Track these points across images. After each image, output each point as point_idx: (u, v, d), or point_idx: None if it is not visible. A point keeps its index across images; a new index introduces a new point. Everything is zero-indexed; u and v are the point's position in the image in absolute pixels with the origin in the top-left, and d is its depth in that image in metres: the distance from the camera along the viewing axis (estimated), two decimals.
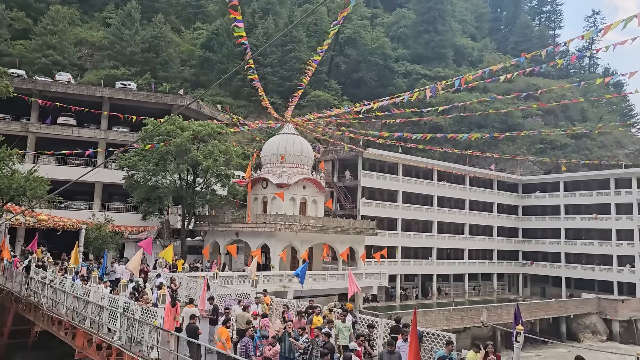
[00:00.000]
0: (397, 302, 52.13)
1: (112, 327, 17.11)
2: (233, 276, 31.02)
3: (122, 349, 15.97)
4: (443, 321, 39.99)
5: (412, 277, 57.02)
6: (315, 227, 38.43)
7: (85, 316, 18.62)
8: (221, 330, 12.85)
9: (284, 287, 33.74)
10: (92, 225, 35.29)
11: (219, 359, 12.79)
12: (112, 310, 17.07)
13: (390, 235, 53.64)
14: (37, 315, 22.74)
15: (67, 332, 20.21)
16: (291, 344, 12.57)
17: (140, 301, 16.76)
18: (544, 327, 49.13)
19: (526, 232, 68.07)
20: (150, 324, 14.96)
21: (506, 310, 44.77)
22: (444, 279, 59.59)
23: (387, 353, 11.22)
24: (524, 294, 64.35)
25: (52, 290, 21.66)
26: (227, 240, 39.10)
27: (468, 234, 62.18)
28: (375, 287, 41.90)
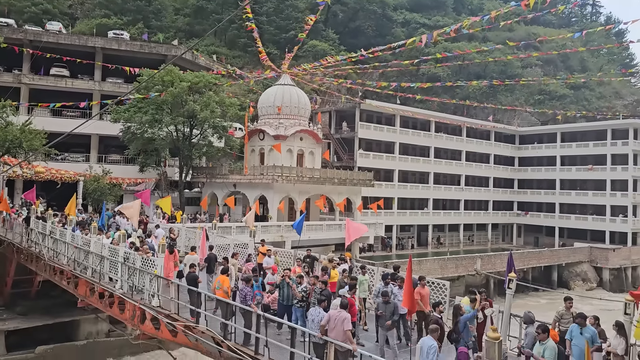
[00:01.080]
0: (393, 251, 53.04)
1: (113, 277, 17.46)
2: (231, 227, 31.42)
3: (123, 297, 16.35)
4: (438, 270, 40.87)
5: (408, 228, 57.83)
6: (312, 179, 38.60)
7: (87, 266, 18.96)
8: (222, 278, 13.12)
9: (282, 238, 34.23)
10: (89, 178, 35.34)
11: (219, 306, 13.14)
12: (113, 260, 17.37)
13: (387, 187, 53.97)
14: (39, 265, 23.11)
15: (69, 281, 20.60)
16: (290, 291, 12.88)
17: (140, 251, 17.05)
18: (536, 275, 50.32)
19: (521, 183, 68.55)
20: (151, 273, 15.27)
21: (499, 259, 45.73)
22: (440, 229, 60.44)
23: (382, 303, 11.49)
24: (517, 244, 65.50)
25: (52, 241, 21.94)
26: (224, 192, 39.32)
27: (464, 185, 62.60)
28: (371, 237, 42.55)
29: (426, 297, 12.05)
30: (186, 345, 14.48)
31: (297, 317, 12.55)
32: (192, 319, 13.37)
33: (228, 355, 12.08)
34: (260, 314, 11.40)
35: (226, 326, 12.20)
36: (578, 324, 9.80)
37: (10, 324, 25.18)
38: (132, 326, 16.93)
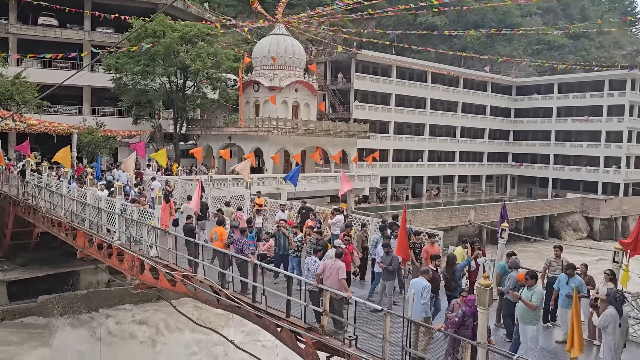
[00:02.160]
0: (388, 202, 53.55)
1: (111, 228, 17.63)
2: (227, 179, 31.52)
3: (122, 248, 16.58)
4: (432, 220, 41.44)
5: (402, 179, 58.16)
6: (307, 131, 38.45)
7: (84, 218, 19.09)
8: (219, 229, 13.29)
9: (278, 189, 34.42)
10: (83, 130, 35.05)
11: (216, 256, 13.36)
12: (110, 212, 17.50)
13: (382, 138, 53.89)
14: (37, 217, 23.25)
15: (67, 233, 20.78)
16: (286, 241, 13.10)
17: (137, 203, 17.16)
18: (528, 225, 51.16)
19: (517, 134, 68.53)
20: (148, 225, 15.44)
21: (493, 210, 46.34)
22: (434, 180, 60.84)
23: (385, 255, 11.70)
24: (511, 195, 66.20)
25: (49, 193, 22.00)
26: (220, 144, 39.20)
27: (459, 136, 62.55)
28: (366, 189, 42.87)
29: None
30: (185, 294, 14.84)
31: (293, 266, 12.83)
32: (190, 269, 13.63)
33: (226, 303, 12.40)
34: (257, 263, 11.62)
35: (224, 275, 12.47)
36: (568, 274, 10.11)
37: (11, 274, 25.59)
38: (132, 276, 17.24)
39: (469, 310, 8.27)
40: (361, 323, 9.86)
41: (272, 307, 11.19)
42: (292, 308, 10.71)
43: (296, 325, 10.46)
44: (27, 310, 24.49)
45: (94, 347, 22.24)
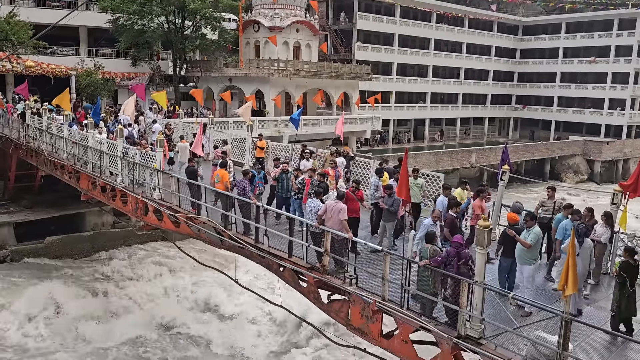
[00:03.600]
0: (390, 145, 53.46)
1: (113, 171, 17.73)
2: (228, 121, 31.37)
3: (125, 191, 16.74)
4: (433, 163, 41.51)
5: (404, 122, 57.76)
6: (309, 72, 37.87)
7: (87, 161, 19.16)
8: (221, 172, 13.36)
9: (279, 132, 34.34)
10: (82, 72, 34.53)
11: (219, 199, 13.51)
12: (112, 155, 17.54)
13: (385, 80, 53.09)
14: (39, 160, 23.33)
15: (70, 175, 20.91)
16: (288, 184, 13.19)
17: (139, 146, 17.17)
18: (529, 168, 51.27)
19: (521, 76, 67.40)
20: (150, 167, 15.51)
21: (494, 153, 46.31)
22: (437, 123, 60.43)
23: (387, 196, 11.79)
24: (513, 137, 65.93)
25: (50, 136, 21.96)
26: (220, 87, 38.74)
27: (463, 78, 61.58)
28: (368, 132, 42.73)
29: (486, 211, 11.64)
30: (189, 235, 15.11)
31: (294, 208, 12.98)
32: (193, 211, 13.82)
33: (229, 244, 12.65)
34: (258, 205, 11.76)
35: (227, 217, 12.65)
36: (572, 220, 9.92)
37: (18, 216, 25.97)
38: (136, 218, 17.53)
39: (453, 251, 8.45)
40: (361, 263, 10.10)
41: (275, 248, 11.43)
42: (294, 249, 10.93)
43: (298, 265, 10.71)
44: (34, 251, 25.03)
45: (100, 286, 22.88)
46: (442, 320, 8.49)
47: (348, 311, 9.85)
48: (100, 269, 24.71)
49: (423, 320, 8.39)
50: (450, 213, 10.64)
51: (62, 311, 20.54)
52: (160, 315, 21.26)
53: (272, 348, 19.79)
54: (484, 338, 7.78)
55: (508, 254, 9.64)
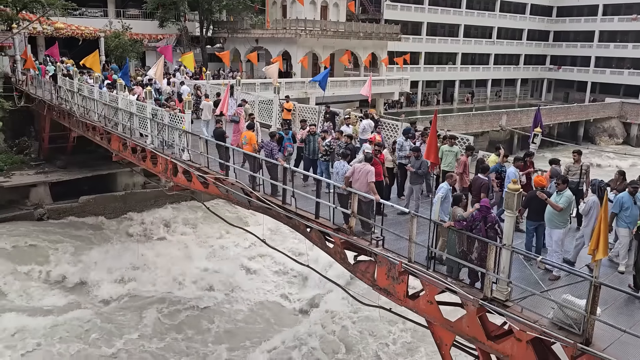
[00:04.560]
0: (418, 107, 52.65)
1: (143, 132, 17.96)
2: (255, 83, 31.25)
3: (155, 152, 16.98)
4: (462, 125, 40.79)
5: (434, 83, 56.67)
6: (337, 33, 37.21)
7: (117, 122, 19.44)
8: (248, 134, 13.39)
9: (306, 94, 34.10)
10: (110, 34, 34.70)
11: (247, 160, 13.60)
12: (142, 116, 17.73)
13: (414, 41, 51.84)
14: (72, 121, 23.76)
15: (102, 137, 21.27)
16: (315, 145, 13.17)
17: (167, 107, 17.30)
18: (562, 131, 49.95)
19: (557, 35, 64.93)
20: (179, 129, 15.65)
21: (526, 115, 45.16)
22: (467, 84, 59.09)
23: (414, 159, 11.68)
24: (546, 99, 64.12)
25: (81, 98, 22.28)
26: (247, 48, 38.45)
27: (495, 38, 59.66)
28: (396, 93, 42.07)
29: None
30: (217, 196, 15.33)
31: (321, 170, 13.00)
32: (222, 172, 13.97)
33: (257, 204, 12.81)
34: (286, 166, 11.80)
35: (254, 178, 12.76)
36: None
37: (53, 176, 26.73)
38: (165, 179, 17.84)
39: (478, 215, 8.37)
40: (388, 225, 10.12)
41: (302, 209, 11.51)
42: (321, 210, 10.99)
43: (325, 226, 10.80)
44: (69, 210, 25.85)
45: (131, 245, 23.60)
46: (468, 282, 8.52)
47: (374, 272, 9.94)
48: (131, 228, 25.42)
49: (449, 282, 8.42)
50: (481, 176, 10.51)
51: (97, 267, 21.37)
52: (186, 272, 21.94)
53: (294, 305, 20.36)
54: (510, 300, 7.78)
55: (533, 216, 9.53)
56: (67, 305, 19.12)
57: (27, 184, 25.77)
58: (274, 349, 17.37)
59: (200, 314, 19.26)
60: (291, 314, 19.90)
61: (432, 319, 8.97)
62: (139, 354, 16.89)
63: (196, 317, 19.06)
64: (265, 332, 18.47)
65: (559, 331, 7.14)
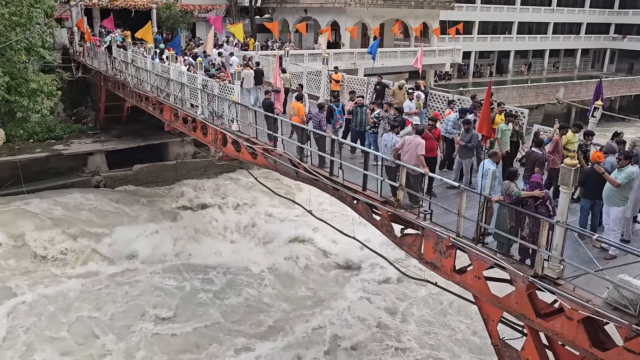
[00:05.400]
0: (470, 79, 51.07)
1: (194, 103, 18.29)
2: (304, 54, 31.09)
3: (205, 122, 17.29)
4: (516, 98, 39.36)
5: (487, 54, 54.67)
6: (386, 2, 36.34)
7: (169, 93, 19.86)
8: (297, 105, 13.40)
9: (354, 65, 33.68)
10: (161, 5, 35.22)
11: (295, 131, 13.64)
12: (192, 87, 18.03)
13: (468, 9, 49.93)
14: (126, 92, 24.45)
15: (154, 107, 21.82)
16: (363, 117, 13.03)
17: (218, 78, 17.49)
18: (624, 104, 47.44)
19: (624, 1, 61.01)
20: (229, 100, 15.83)
21: (585, 87, 43.08)
22: (522, 55, 56.69)
23: (464, 132, 11.40)
24: (608, 71, 60.76)
25: (135, 69, 22.84)
26: (295, 18, 38.17)
27: (555, 5, 56.70)
28: (447, 64, 40.92)
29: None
30: (265, 167, 15.50)
31: (369, 142, 12.89)
32: (270, 143, 14.08)
33: (304, 175, 12.87)
34: (334, 138, 11.76)
35: (302, 150, 12.79)
36: None
37: (108, 145, 27.76)
38: (215, 149, 18.18)
39: (528, 190, 8.11)
40: (435, 199, 9.97)
41: (349, 181, 11.50)
42: (368, 182, 10.95)
43: (372, 198, 10.76)
44: (124, 178, 26.86)
45: (181, 213, 24.34)
46: (518, 258, 8.33)
47: (421, 245, 9.87)
48: (181, 197, 26.17)
49: (498, 258, 8.25)
50: (535, 150, 10.15)
51: (148, 235, 22.23)
52: (234, 240, 22.50)
53: (337, 278, 20.57)
54: (562, 279, 7.56)
55: (589, 194, 9.15)
56: (119, 272, 19.99)
57: (84, 152, 26.89)
58: (315, 317, 17.68)
59: (249, 281, 19.76)
60: (334, 285, 20.11)
61: (479, 294, 8.85)
62: (200, 317, 17.59)
63: (246, 284, 19.54)
64: (310, 301, 18.79)
65: (613, 311, 6.90)
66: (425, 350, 16.53)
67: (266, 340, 16.59)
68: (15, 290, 18.11)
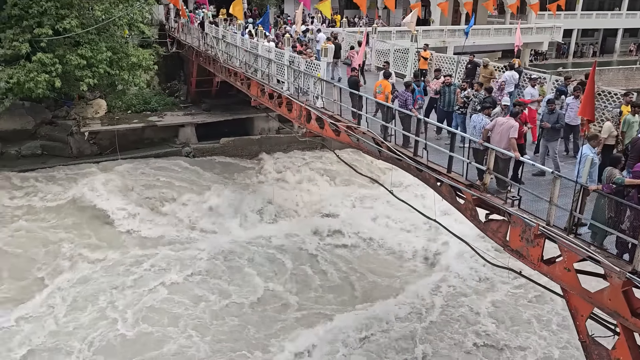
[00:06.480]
0: (569, 59, 47.78)
1: (280, 79, 18.56)
2: (391, 31, 30.49)
3: (290, 98, 17.51)
4: (622, 80, 36.39)
5: (591, 32, 50.74)
6: None
7: (257, 68, 20.27)
8: (383, 83, 13.18)
9: (444, 43, 32.59)
10: None
11: (379, 109, 13.45)
12: (279, 63, 18.27)
13: None
14: (216, 67, 25.26)
15: (242, 82, 22.40)
16: (452, 97, 12.59)
17: (304, 55, 17.57)
18: None
19: None
20: (314, 76, 15.88)
21: None
22: (632, 34, 52.03)
23: (546, 113, 10.72)
24: None
25: (225, 44, 23.50)
26: None
27: None
28: (545, 43, 38.56)
29: None
30: (348, 144, 15.48)
31: (457, 123, 12.46)
32: (354, 121, 14.00)
33: (387, 155, 12.71)
34: (420, 118, 11.48)
35: (386, 128, 12.61)
36: None
37: (198, 118, 28.98)
38: (299, 125, 18.39)
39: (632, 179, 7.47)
40: (524, 185, 9.48)
41: (433, 162, 11.21)
42: (454, 165, 10.61)
43: (457, 180, 10.43)
44: (211, 150, 27.97)
45: (263, 187, 24.97)
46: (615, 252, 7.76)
47: (507, 232, 9.47)
48: (265, 170, 26.83)
49: (592, 250, 7.73)
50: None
51: (233, 205, 23.06)
52: (315, 218, 22.77)
53: (416, 262, 20.27)
54: None
55: None
56: (207, 240, 20.96)
57: (176, 124, 28.25)
58: (391, 301, 17.59)
59: (330, 258, 19.98)
60: (413, 270, 19.85)
61: (568, 287, 8.37)
62: (298, 286, 18.18)
63: (328, 262, 19.82)
64: (388, 284, 18.68)
65: None
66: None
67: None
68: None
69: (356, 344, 15.32)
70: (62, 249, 19.17)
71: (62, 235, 20.04)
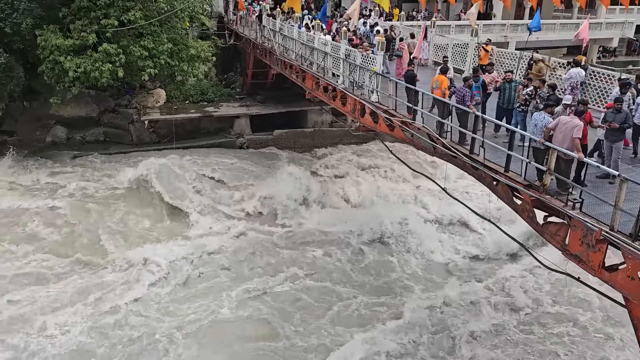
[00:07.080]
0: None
1: (335, 72, 18.51)
2: (450, 25, 29.78)
3: (345, 92, 17.44)
4: None
5: None
6: None
7: (312, 61, 20.31)
8: (440, 78, 12.92)
9: (505, 38, 31.50)
10: None
11: (436, 105, 13.17)
12: (335, 56, 18.22)
13: None
14: (272, 59, 25.50)
15: (297, 75, 22.51)
16: (513, 94, 12.16)
17: (361, 48, 17.44)
18: None
19: None
20: (370, 70, 15.74)
21: None
22: None
23: (612, 112, 10.16)
24: None
25: (282, 37, 23.67)
26: None
27: None
28: (615, 40, 36.52)
29: None
30: (402, 140, 15.27)
31: (517, 121, 12.04)
32: (409, 116, 13.79)
33: (442, 152, 12.45)
34: (478, 114, 11.17)
35: (442, 125, 12.35)
36: None
37: (253, 109, 29.40)
38: (353, 119, 18.31)
39: None
40: (587, 187, 9.05)
41: (490, 161, 10.89)
42: (512, 164, 10.27)
43: (514, 180, 10.09)
44: (265, 141, 28.34)
45: (315, 180, 25.03)
46: None
47: (566, 236, 9.10)
48: (317, 164, 26.90)
49: None
50: None
51: (284, 197, 23.28)
52: (366, 213, 22.66)
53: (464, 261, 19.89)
54: None
55: None
56: (259, 230, 21.33)
57: (232, 115, 28.77)
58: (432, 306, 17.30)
59: (377, 256, 19.88)
60: (459, 270, 19.45)
61: (631, 296, 7.96)
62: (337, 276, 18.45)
63: (374, 261, 19.75)
64: (432, 286, 18.40)
65: None
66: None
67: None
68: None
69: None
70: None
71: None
